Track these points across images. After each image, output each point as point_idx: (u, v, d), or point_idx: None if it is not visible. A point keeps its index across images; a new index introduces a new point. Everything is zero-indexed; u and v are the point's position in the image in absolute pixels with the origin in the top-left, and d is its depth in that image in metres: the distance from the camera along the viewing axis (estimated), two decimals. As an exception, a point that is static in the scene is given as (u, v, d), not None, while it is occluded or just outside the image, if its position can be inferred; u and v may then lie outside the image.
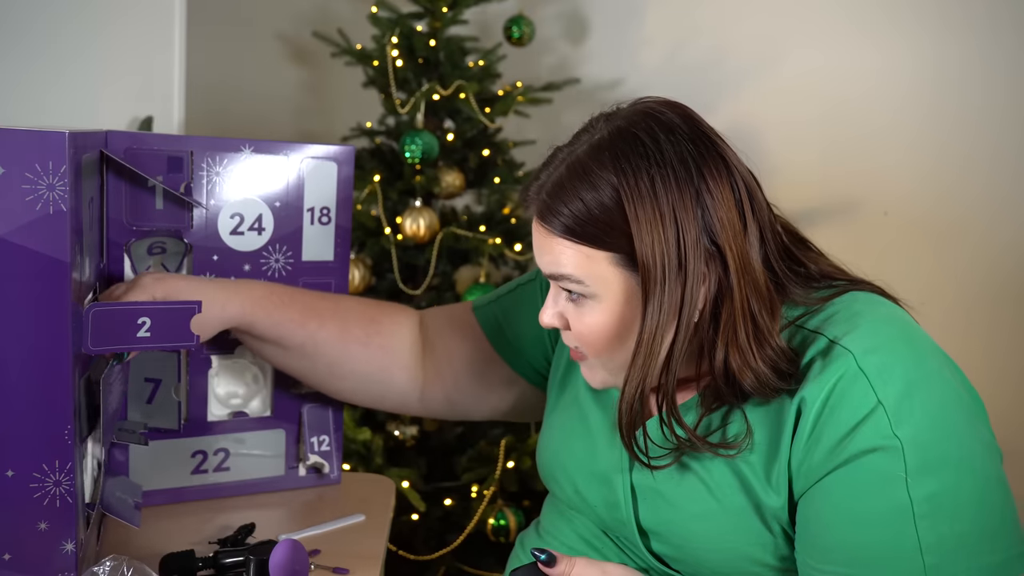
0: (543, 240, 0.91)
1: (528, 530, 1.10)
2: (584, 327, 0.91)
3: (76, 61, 1.69)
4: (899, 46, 1.93)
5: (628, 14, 2.20)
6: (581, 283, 0.89)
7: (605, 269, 0.89)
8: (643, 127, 0.89)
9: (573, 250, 0.89)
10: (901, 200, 1.91)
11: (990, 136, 1.86)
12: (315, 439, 1.21)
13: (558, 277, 0.91)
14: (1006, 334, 1.85)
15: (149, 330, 0.94)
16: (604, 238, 0.87)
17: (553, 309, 0.94)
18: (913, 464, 0.80)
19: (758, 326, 0.87)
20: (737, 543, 0.89)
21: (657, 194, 0.86)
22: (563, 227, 0.89)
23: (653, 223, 0.86)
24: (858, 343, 0.84)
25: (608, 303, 0.89)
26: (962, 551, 0.79)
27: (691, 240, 0.86)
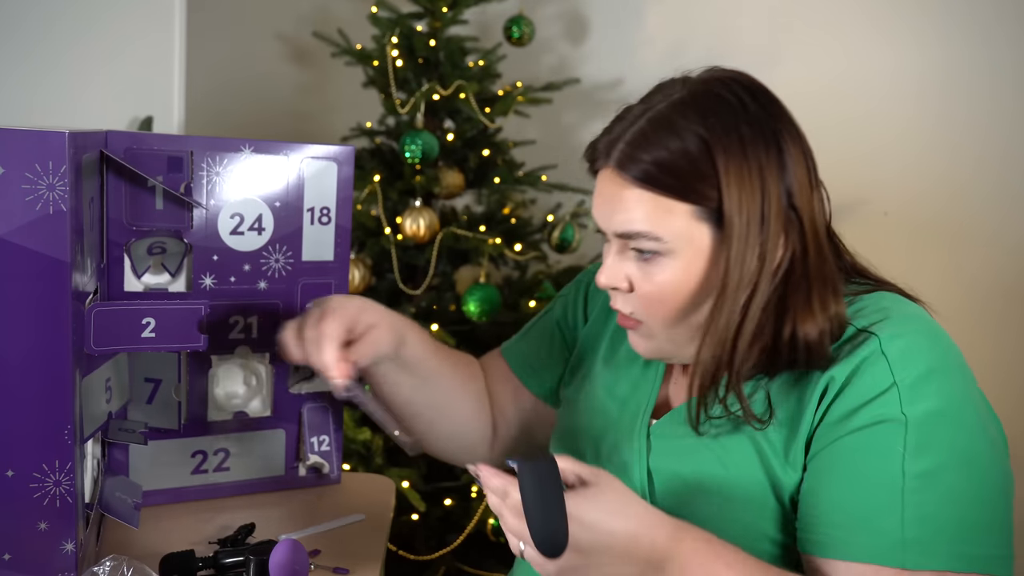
0: (617, 193, 0.90)
1: None
2: (654, 287, 0.90)
3: (76, 61, 1.70)
4: (901, 46, 1.93)
5: (628, 14, 2.20)
6: (659, 239, 0.89)
7: (686, 223, 0.89)
8: (724, 87, 0.91)
9: (652, 203, 0.88)
10: (907, 201, 1.91)
11: (998, 137, 1.86)
12: (315, 439, 1.21)
13: (631, 235, 0.90)
14: (1014, 336, 1.85)
15: (154, 331, 0.94)
16: (688, 189, 0.88)
17: (617, 270, 0.92)
18: (913, 442, 0.82)
19: (828, 290, 0.90)
20: (753, 519, 0.89)
21: (745, 148, 0.88)
22: (645, 175, 0.88)
23: (741, 176, 0.87)
24: (885, 330, 0.87)
25: (684, 260, 0.89)
26: (944, 535, 0.81)
27: (774, 197, 0.88)
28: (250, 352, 1.17)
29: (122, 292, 1.06)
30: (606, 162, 0.92)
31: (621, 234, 0.91)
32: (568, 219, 1.93)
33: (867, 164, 1.92)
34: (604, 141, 0.93)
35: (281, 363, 1.18)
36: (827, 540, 0.84)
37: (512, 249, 1.90)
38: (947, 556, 0.80)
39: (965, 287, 1.88)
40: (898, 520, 0.81)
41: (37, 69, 1.66)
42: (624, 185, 0.89)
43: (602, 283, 0.94)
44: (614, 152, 0.91)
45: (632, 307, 0.93)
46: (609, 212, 0.91)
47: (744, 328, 0.89)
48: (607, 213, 0.92)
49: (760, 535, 0.89)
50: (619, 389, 1.05)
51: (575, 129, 2.29)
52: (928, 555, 0.80)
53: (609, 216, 0.91)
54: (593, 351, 1.13)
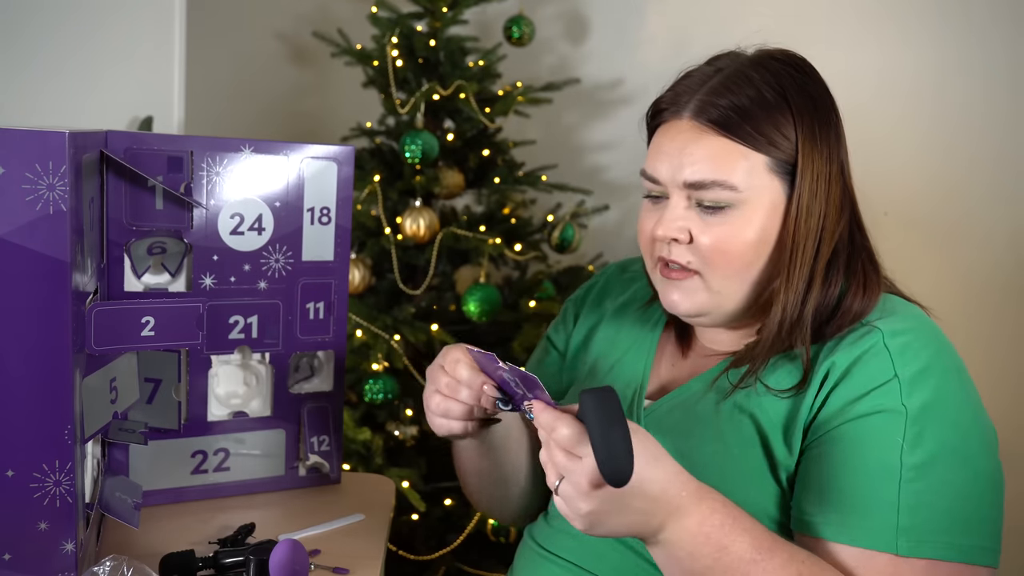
0: (692, 141, 0.92)
1: (537, 521, 1.10)
2: (718, 238, 0.92)
3: (76, 61, 1.69)
4: (900, 46, 1.93)
5: (628, 14, 2.20)
6: (733, 188, 0.91)
7: (759, 173, 0.92)
8: (786, 57, 0.97)
9: (729, 150, 0.91)
10: (903, 201, 1.91)
11: (992, 137, 1.86)
12: (315, 439, 1.21)
13: (705, 184, 0.91)
14: (1008, 336, 1.85)
15: (153, 329, 0.94)
16: (765, 138, 0.91)
17: (679, 221, 0.93)
18: (912, 434, 0.85)
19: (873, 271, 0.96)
20: (753, 498, 0.90)
21: (816, 108, 0.94)
22: (725, 121, 0.91)
23: (812, 133, 0.92)
24: (889, 326, 0.90)
25: (751, 211, 0.92)
26: (936, 524, 0.83)
27: (836, 162, 0.94)
28: (250, 352, 1.17)
29: (122, 292, 1.06)
30: (678, 113, 0.94)
31: (693, 183, 0.92)
32: (568, 219, 1.93)
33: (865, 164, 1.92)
34: (671, 95, 0.95)
35: (281, 363, 1.18)
36: (823, 521, 0.85)
37: (512, 249, 1.90)
38: (937, 545, 0.83)
39: (961, 285, 1.88)
40: (894, 508, 0.83)
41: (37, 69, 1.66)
42: (701, 133, 0.92)
43: (660, 234, 0.94)
44: (689, 102, 0.93)
45: (689, 257, 0.94)
46: (680, 162, 0.92)
47: (813, 289, 0.92)
48: (678, 163, 0.93)
49: (760, 513, 0.89)
50: (613, 374, 1.07)
51: (575, 129, 2.29)
52: (920, 543, 0.83)
53: (680, 166, 0.92)
54: (586, 348, 1.14)
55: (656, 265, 0.98)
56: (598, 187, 2.11)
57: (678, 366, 1.05)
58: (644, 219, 0.99)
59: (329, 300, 1.18)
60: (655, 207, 0.97)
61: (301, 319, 1.17)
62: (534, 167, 2.04)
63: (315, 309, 1.18)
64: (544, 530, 1.06)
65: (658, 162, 0.95)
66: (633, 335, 1.10)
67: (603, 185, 2.16)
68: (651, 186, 0.97)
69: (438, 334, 1.80)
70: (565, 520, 1.03)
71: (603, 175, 2.22)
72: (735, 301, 0.95)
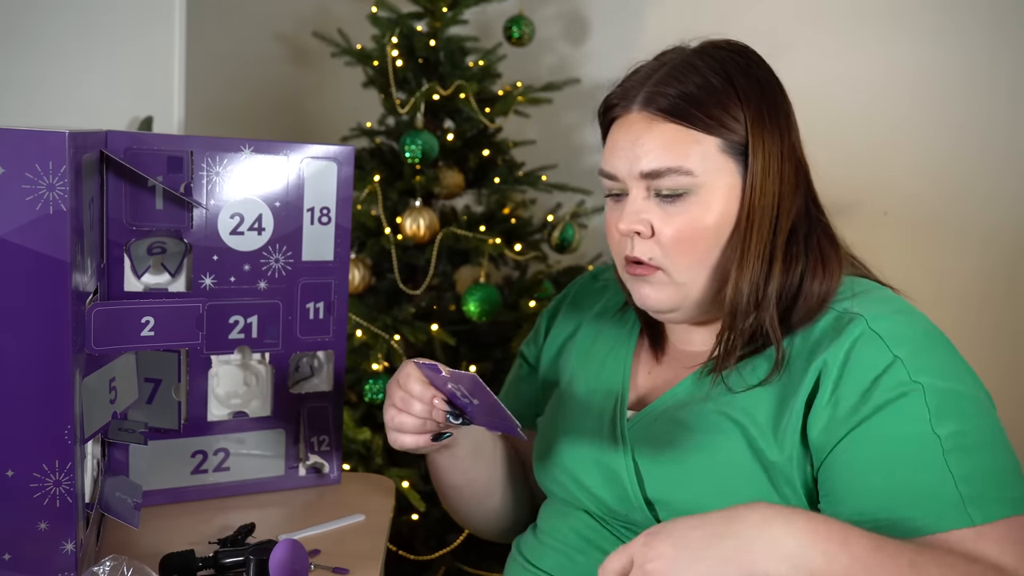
0: (645, 131, 0.93)
1: (525, 534, 1.10)
2: (679, 227, 0.92)
3: (76, 61, 1.69)
4: (901, 48, 1.93)
5: (628, 14, 2.20)
6: (689, 173, 0.91)
7: (713, 156, 0.92)
8: (729, 46, 0.98)
9: (682, 136, 0.92)
10: (904, 202, 1.91)
11: (994, 139, 1.86)
12: (315, 439, 1.21)
13: (661, 172, 0.92)
14: (1009, 337, 1.85)
15: (153, 329, 0.94)
16: (715, 121, 0.92)
17: (637, 214, 0.94)
18: (934, 405, 0.84)
19: (832, 251, 0.96)
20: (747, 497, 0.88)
21: (763, 89, 0.95)
22: (674, 108, 0.92)
23: (761, 112, 0.93)
24: (868, 309, 0.90)
25: (709, 196, 0.92)
26: (991, 481, 0.83)
27: (787, 141, 0.94)
28: (250, 352, 1.17)
29: (122, 292, 1.06)
30: (627, 107, 0.95)
31: (649, 173, 0.92)
32: (568, 219, 1.93)
33: (865, 164, 1.92)
34: (620, 91, 0.97)
35: (281, 363, 1.18)
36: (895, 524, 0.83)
37: (512, 249, 1.90)
38: (1001, 503, 0.82)
39: (962, 287, 1.88)
40: (951, 482, 0.82)
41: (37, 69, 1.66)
42: (652, 122, 0.92)
43: (622, 229, 0.95)
44: (638, 95, 0.94)
45: (652, 252, 0.94)
46: (635, 153, 0.93)
47: (774, 267, 0.92)
48: (632, 155, 0.93)
49: None
50: (592, 386, 1.06)
51: (575, 129, 2.29)
52: (986, 507, 0.81)
53: (635, 158, 0.93)
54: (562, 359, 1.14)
55: (624, 264, 0.98)
56: (598, 187, 2.09)
57: (655, 373, 1.04)
58: (608, 218, 0.99)
59: (329, 300, 1.19)
60: (617, 205, 0.98)
61: (301, 319, 1.17)
62: (534, 167, 2.04)
63: (315, 309, 1.18)
64: (532, 544, 1.06)
65: (613, 157, 0.96)
66: (609, 344, 1.09)
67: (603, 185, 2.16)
68: (610, 184, 0.98)
69: (438, 334, 1.80)
70: (553, 535, 1.04)
71: (603, 175, 2.22)
72: (700, 290, 0.95)
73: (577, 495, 1.02)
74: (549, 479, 1.05)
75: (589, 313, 1.14)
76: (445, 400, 0.94)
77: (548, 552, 1.02)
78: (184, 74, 1.81)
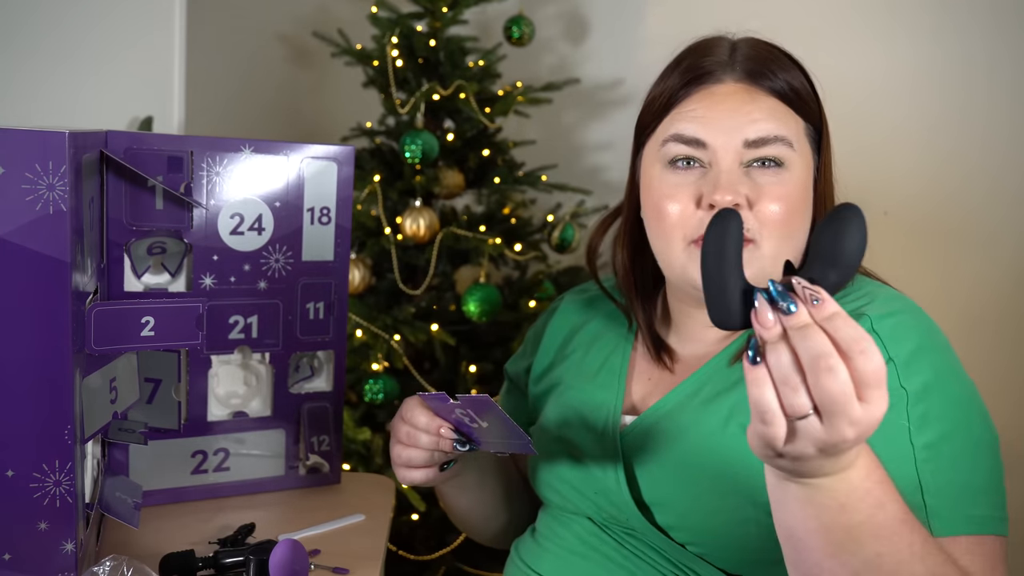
0: (749, 100, 0.94)
1: (524, 536, 1.10)
2: (774, 198, 0.92)
3: (75, 61, 1.69)
4: (901, 47, 1.93)
5: (628, 14, 2.20)
6: (791, 146, 0.94)
7: (802, 138, 0.96)
8: None
9: (783, 111, 0.94)
10: (904, 203, 1.91)
11: (994, 138, 1.86)
12: (315, 439, 1.21)
13: (768, 139, 0.93)
14: (1011, 339, 1.85)
15: (153, 329, 0.94)
16: (805, 106, 0.96)
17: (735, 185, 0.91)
18: (915, 415, 0.84)
19: None
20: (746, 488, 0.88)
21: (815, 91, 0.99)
22: (777, 85, 0.95)
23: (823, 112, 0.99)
24: (874, 310, 0.90)
25: (797, 172, 0.94)
26: (958, 499, 0.83)
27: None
28: (250, 352, 1.17)
29: (122, 292, 1.06)
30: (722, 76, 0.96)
31: (755, 140, 0.93)
32: (568, 219, 1.93)
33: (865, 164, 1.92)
34: (710, 62, 0.97)
35: (281, 363, 1.18)
36: None
37: (512, 249, 1.90)
38: (961, 521, 0.82)
39: (963, 288, 1.88)
40: (917, 491, 0.83)
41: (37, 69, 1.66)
42: (754, 94, 0.94)
43: (719, 200, 0.90)
44: (735, 67, 0.96)
45: (748, 224, 0.92)
46: (738, 121, 0.93)
47: None
48: (734, 123, 0.93)
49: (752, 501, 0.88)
50: (587, 395, 1.05)
51: (575, 129, 2.29)
52: (947, 522, 0.82)
53: (738, 125, 0.93)
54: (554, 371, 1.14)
55: (691, 242, 0.93)
56: (598, 187, 2.11)
57: (654, 379, 1.03)
58: (674, 188, 0.94)
59: (329, 300, 1.18)
60: (685, 174, 0.94)
61: (301, 319, 1.17)
62: (534, 167, 2.04)
63: (315, 309, 1.18)
64: (531, 547, 1.06)
65: (705, 123, 0.93)
66: (604, 353, 1.09)
67: (603, 185, 2.16)
68: (688, 150, 0.94)
69: (438, 334, 1.80)
70: (553, 539, 1.04)
71: (603, 175, 2.22)
72: (775, 265, 0.91)
73: (576, 502, 1.01)
74: (546, 488, 1.05)
75: (580, 324, 1.14)
76: (452, 428, 0.95)
77: (546, 556, 1.02)
78: (184, 74, 1.81)
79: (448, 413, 0.95)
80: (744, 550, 0.90)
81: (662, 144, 0.96)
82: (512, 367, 1.22)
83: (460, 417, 0.94)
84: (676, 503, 0.93)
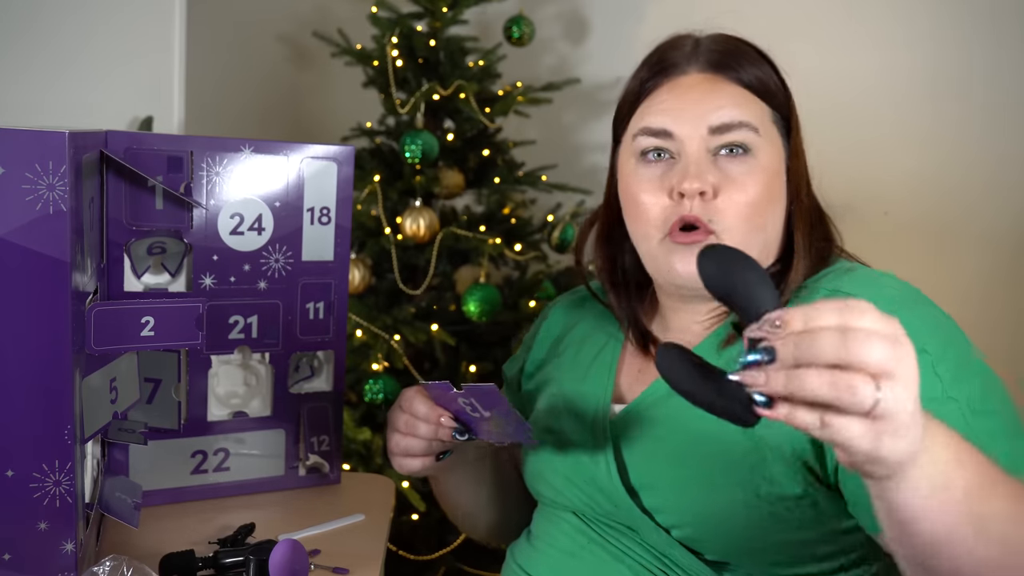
0: (712, 90, 0.95)
1: (519, 540, 1.09)
2: (741, 185, 0.93)
3: (76, 61, 1.69)
4: (899, 46, 1.93)
5: (628, 14, 2.20)
6: (756, 131, 0.94)
7: (768, 122, 0.96)
8: None
9: (747, 98, 0.95)
10: (901, 200, 1.91)
11: (992, 135, 1.86)
12: (315, 439, 1.21)
13: (732, 125, 0.93)
14: (1008, 335, 1.85)
15: (153, 329, 0.94)
16: (770, 92, 0.96)
17: (703, 174, 0.92)
18: (944, 372, 0.82)
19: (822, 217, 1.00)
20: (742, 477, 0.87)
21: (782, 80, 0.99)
22: (740, 72, 0.95)
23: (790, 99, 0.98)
24: (858, 288, 0.89)
25: (765, 158, 0.94)
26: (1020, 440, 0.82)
27: None
28: (250, 352, 1.17)
29: (122, 292, 1.06)
30: (686, 68, 0.97)
31: (720, 126, 0.93)
32: (568, 219, 1.93)
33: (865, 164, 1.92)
34: (675, 56, 0.98)
35: (281, 363, 1.18)
36: None
37: (512, 249, 1.90)
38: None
39: (961, 285, 1.88)
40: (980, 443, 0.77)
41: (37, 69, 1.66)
42: (717, 82, 0.95)
43: (688, 188, 0.91)
44: (697, 58, 0.97)
45: (711, 214, 0.92)
46: (703, 109, 0.94)
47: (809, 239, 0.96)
48: (699, 111, 0.94)
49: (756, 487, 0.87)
50: (578, 391, 1.06)
51: (575, 129, 2.29)
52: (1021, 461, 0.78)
53: (703, 113, 0.94)
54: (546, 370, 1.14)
55: (664, 235, 0.94)
56: (598, 187, 2.09)
57: (643, 371, 1.03)
58: (646, 182, 0.96)
59: (329, 300, 1.18)
60: (655, 166, 0.95)
61: (301, 319, 1.17)
62: (534, 167, 2.04)
63: (315, 309, 1.18)
64: (525, 549, 1.06)
65: (672, 113, 0.95)
66: (594, 350, 1.08)
67: (603, 185, 2.15)
68: (656, 141, 0.95)
69: (438, 334, 1.80)
70: (545, 539, 1.04)
71: (603, 175, 2.21)
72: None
73: (565, 494, 1.01)
74: (538, 480, 1.05)
75: (573, 323, 1.14)
76: (452, 417, 0.96)
77: (540, 557, 1.02)
78: (184, 74, 1.81)
79: (450, 402, 0.95)
80: (730, 535, 0.89)
81: (633, 138, 0.98)
82: (508, 369, 1.23)
83: (462, 406, 0.94)
84: (663, 486, 0.93)
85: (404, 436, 0.99)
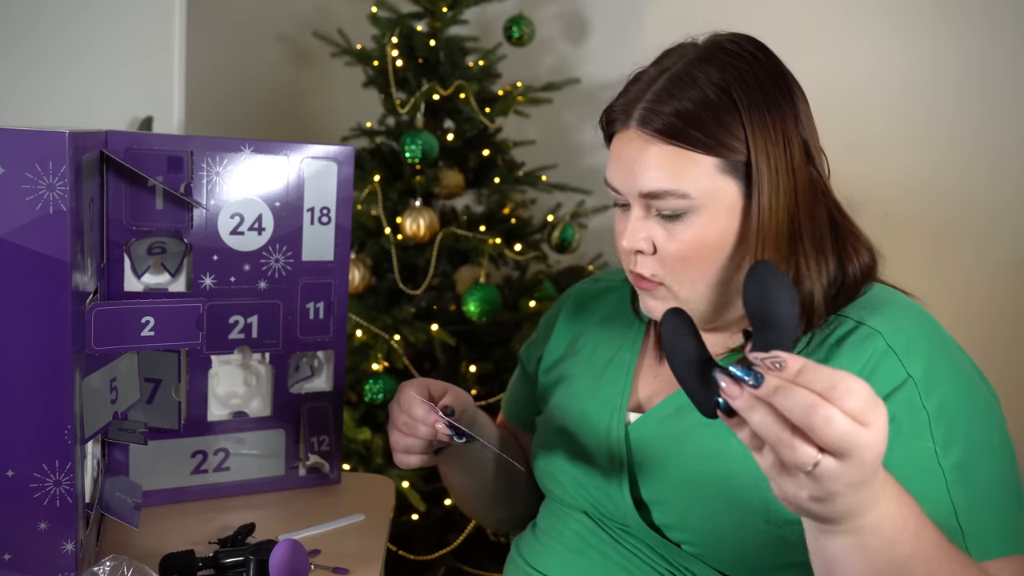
0: (641, 151, 0.90)
1: (524, 533, 1.10)
2: (680, 246, 0.90)
3: (76, 61, 1.70)
4: (898, 45, 1.93)
5: (628, 14, 2.20)
6: (685, 196, 0.88)
7: (711, 177, 0.89)
8: (735, 44, 0.93)
9: (678, 158, 0.88)
10: (901, 200, 1.91)
11: (991, 135, 1.86)
12: (315, 439, 1.21)
13: (657, 194, 0.89)
14: (1007, 336, 1.85)
15: (153, 329, 0.94)
16: (713, 140, 0.88)
17: (640, 232, 0.91)
18: (939, 435, 0.83)
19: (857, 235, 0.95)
20: (751, 497, 0.88)
21: (766, 96, 0.89)
22: (669, 129, 0.88)
23: (764, 124, 0.88)
24: (885, 325, 0.88)
25: (709, 216, 0.89)
26: (990, 520, 0.82)
27: (796, 146, 0.90)
28: (250, 352, 1.17)
29: (122, 292, 1.06)
30: (626, 123, 0.92)
31: (646, 194, 0.90)
32: (568, 219, 1.93)
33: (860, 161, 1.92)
34: (620, 104, 0.93)
35: (281, 363, 1.18)
36: None
37: (512, 249, 1.90)
38: (995, 543, 0.81)
39: (961, 286, 1.88)
40: (954, 517, 0.81)
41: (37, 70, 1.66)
42: (648, 143, 0.89)
43: (625, 246, 0.93)
44: (634, 112, 0.91)
45: (654, 269, 0.92)
46: (632, 173, 0.91)
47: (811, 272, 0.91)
48: (630, 174, 0.91)
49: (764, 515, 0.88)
50: (594, 390, 1.05)
51: (575, 129, 2.29)
52: (983, 545, 0.81)
53: (633, 177, 0.91)
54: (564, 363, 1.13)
55: (631, 275, 0.97)
56: (598, 187, 2.10)
57: (661, 377, 1.03)
58: (616, 227, 0.98)
59: (329, 300, 1.19)
60: (623, 215, 0.96)
61: (301, 319, 1.17)
62: (534, 167, 2.04)
63: (315, 309, 1.18)
64: (531, 543, 1.06)
65: (615, 173, 0.94)
66: (612, 348, 1.08)
67: (603, 185, 2.15)
68: (615, 195, 0.96)
69: (438, 334, 1.80)
70: (552, 535, 1.04)
71: (603, 175, 2.22)
72: (702, 303, 0.93)
73: (575, 495, 1.02)
74: (548, 478, 1.06)
75: (592, 317, 1.14)
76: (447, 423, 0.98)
77: (546, 552, 1.02)
78: (184, 74, 1.81)
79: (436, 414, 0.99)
80: (740, 553, 0.90)
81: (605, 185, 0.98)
82: (525, 353, 1.22)
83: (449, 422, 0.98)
84: (674, 504, 0.93)
85: (404, 436, 1.01)
